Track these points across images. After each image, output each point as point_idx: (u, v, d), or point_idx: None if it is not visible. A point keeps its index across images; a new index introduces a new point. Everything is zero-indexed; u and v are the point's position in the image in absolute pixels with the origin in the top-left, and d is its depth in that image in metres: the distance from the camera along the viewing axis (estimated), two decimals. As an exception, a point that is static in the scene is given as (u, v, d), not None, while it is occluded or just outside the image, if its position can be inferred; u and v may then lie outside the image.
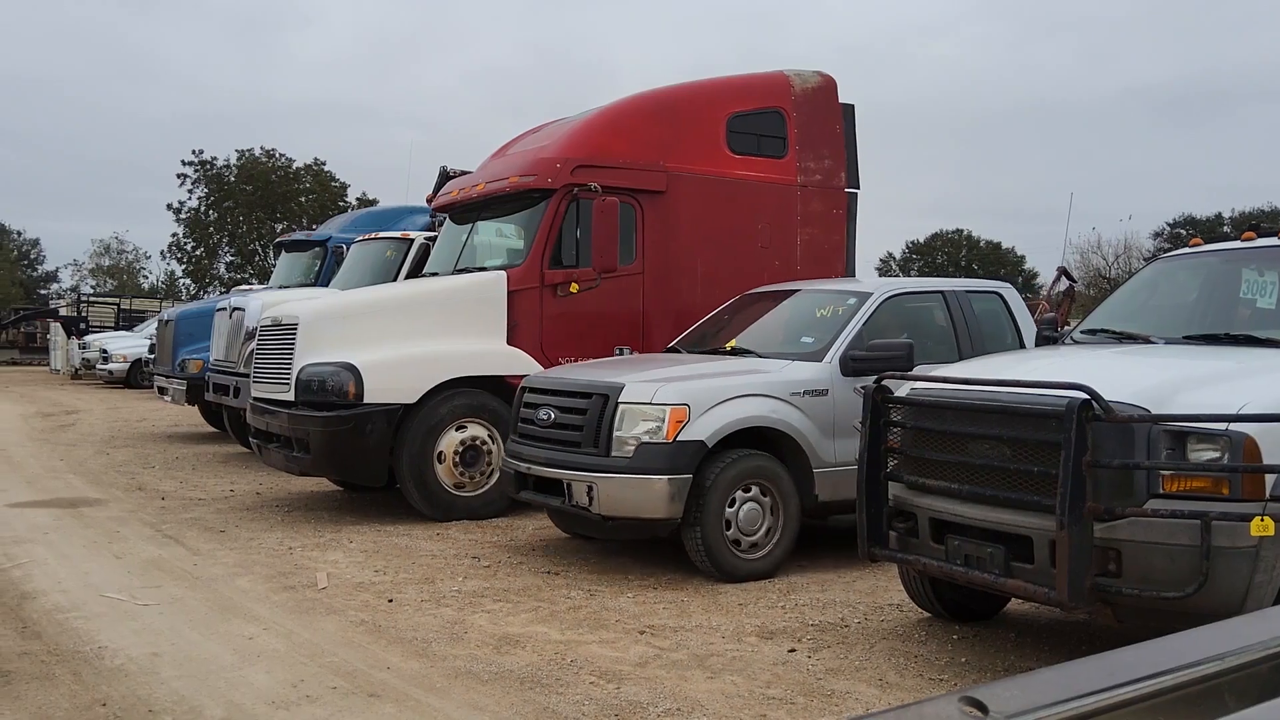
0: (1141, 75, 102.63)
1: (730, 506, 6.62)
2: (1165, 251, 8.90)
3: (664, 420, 6.55)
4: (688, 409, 6.59)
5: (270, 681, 4.74)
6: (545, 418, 7.09)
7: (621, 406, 6.66)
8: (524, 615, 5.85)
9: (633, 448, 6.56)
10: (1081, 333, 6.10)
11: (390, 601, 6.14)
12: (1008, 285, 8.49)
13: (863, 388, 5.34)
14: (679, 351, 8.18)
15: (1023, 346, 7.81)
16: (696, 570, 6.87)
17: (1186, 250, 6.43)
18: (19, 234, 69.90)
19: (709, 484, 6.55)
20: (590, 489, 6.61)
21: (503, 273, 9.03)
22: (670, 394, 6.65)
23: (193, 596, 6.25)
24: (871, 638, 5.46)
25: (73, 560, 7.22)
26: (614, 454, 6.62)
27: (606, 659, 5.08)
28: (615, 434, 6.63)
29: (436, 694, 4.60)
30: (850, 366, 7.01)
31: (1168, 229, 59.71)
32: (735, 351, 7.69)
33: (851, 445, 6.67)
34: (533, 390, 7.42)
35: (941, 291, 8.03)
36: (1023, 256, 73.96)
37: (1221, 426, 4.06)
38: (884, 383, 5.29)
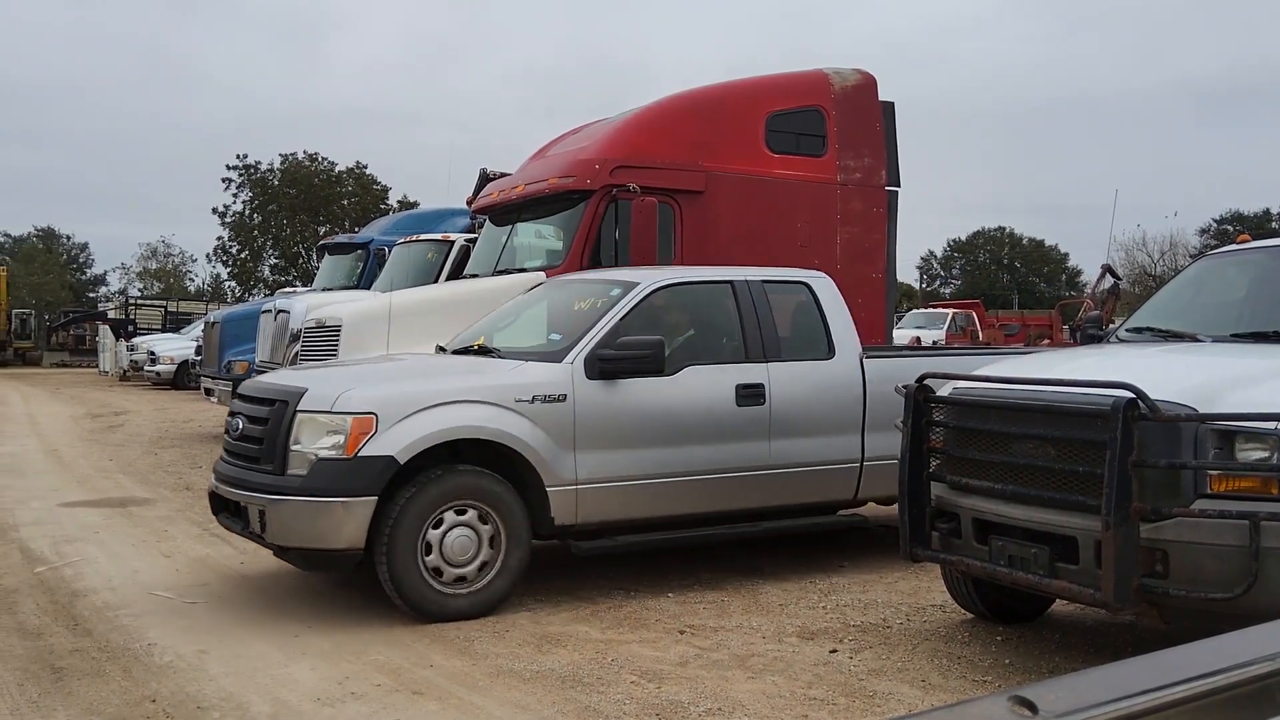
0: (1188, 69, 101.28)
1: (438, 529, 5.67)
2: (1212, 248, 8.69)
3: (345, 432, 5.58)
4: (374, 418, 5.59)
5: (316, 679, 4.80)
6: (236, 429, 6.20)
7: (300, 416, 5.70)
8: (564, 614, 5.88)
9: (310, 464, 5.60)
10: (1126, 331, 6.03)
11: (433, 600, 6.19)
12: (821, 276, 7.46)
13: (904, 386, 5.29)
14: (443, 351, 7.31)
15: (831, 343, 7.02)
16: (736, 569, 6.87)
17: (1234, 247, 6.34)
18: (68, 238, 71.33)
19: (398, 508, 5.56)
20: (262, 514, 5.67)
21: (542, 274, 9.07)
22: (355, 401, 5.67)
23: (239, 595, 6.34)
24: (914, 639, 5.43)
25: (122, 558, 7.34)
26: (290, 472, 5.66)
27: (647, 658, 5.09)
28: (292, 448, 5.67)
29: (479, 692, 4.64)
30: (597, 368, 6.10)
31: (1214, 225, 58.92)
32: (482, 350, 6.81)
33: (600, 460, 6.08)
34: (238, 396, 6.52)
35: (731, 282, 6.96)
36: (1066, 254, 73.39)
37: (1270, 425, 4.00)
38: (925, 382, 5.26)
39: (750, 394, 6.56)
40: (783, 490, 6.69)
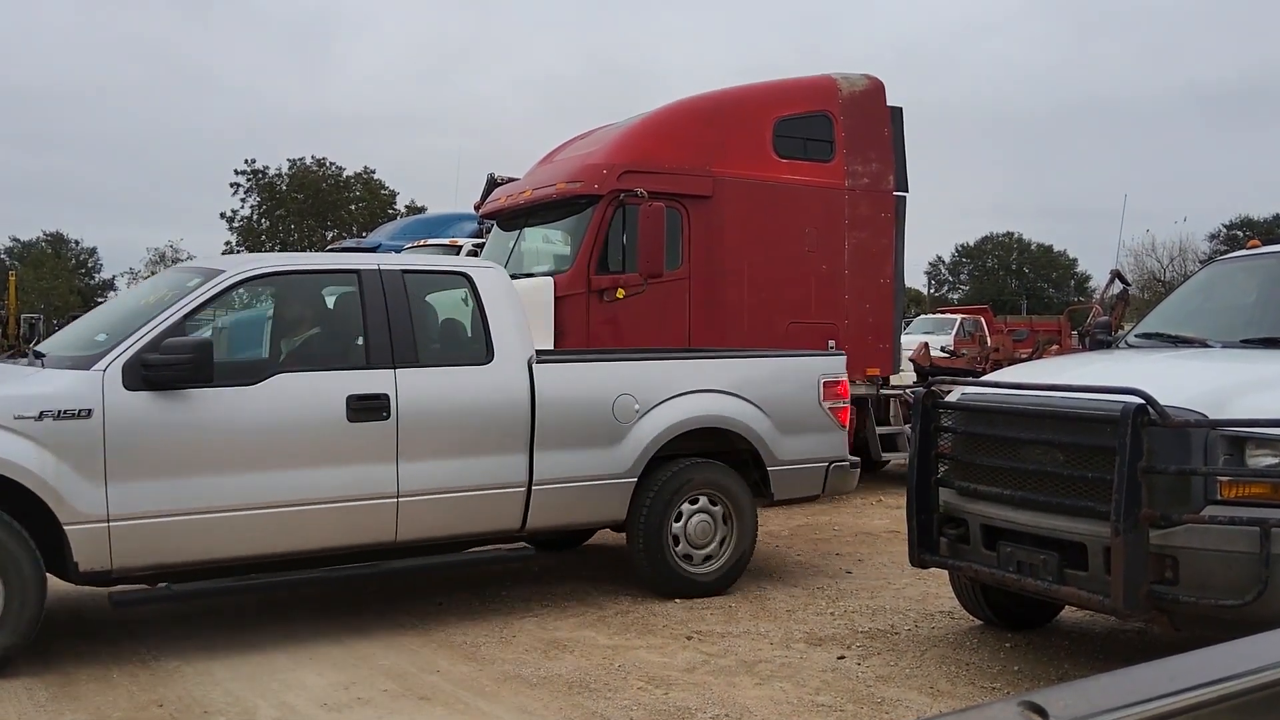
0: (1200, 73, 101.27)
1: None
2: (1221, 253, 8.59)
3: None
4: None
5: (322, 683, 4.80)
6: None
7: None
8: (572, 620, 5.87)
9: None
10: (1136, 336, 6.01)
11: (439, 605, 6.19)
12: (489, 267, 6.35)
13: (913, 392, 5.27)
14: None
15: (490, 345, 5.92)
16: (744, 575, 6.85)
17: (1244, 252, 6.33)
18: (77, 243, 71.52)
19: None
20: None
21: (550, 278, 9.07)
22: None
23: (246, 600, 6.33)
24: (922, 645, 5.41)
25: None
26: None
27: (654, 664, 5.08)
28: None
29: (486, 697, 4.63)
30: (139, 377, 5.01)
31: (1224, 231, 58.80)
32: (29, 354, 5.83)
33: (148, 491, 4.98)
34: None
35: (357, 271, 5.79)
36: (1075, 259, 73.21)
37: (1281, 431, 3.98)
38: (933, 388, 5.25)
39: (368, 406, 5.46)
40: (421, 521, 5.61)
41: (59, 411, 4.87)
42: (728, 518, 6.48)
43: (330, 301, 6.04)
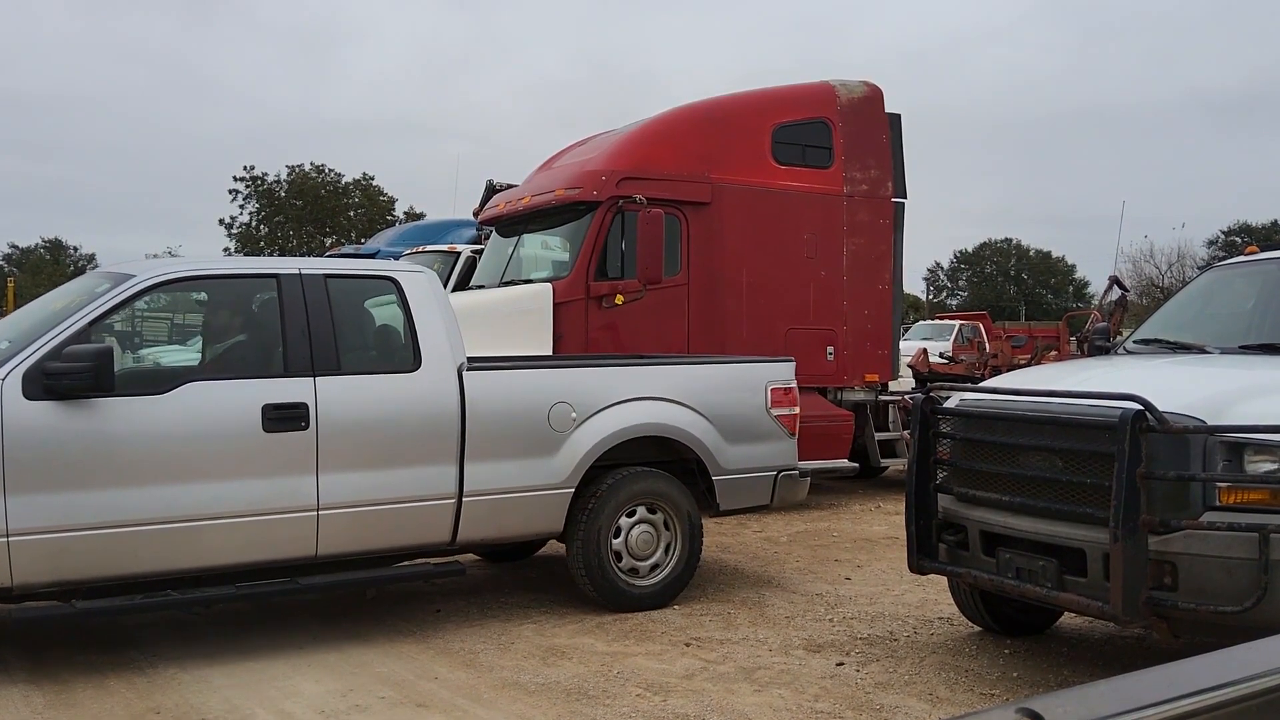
0: (1200, 80, 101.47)
1: None
2: (1220, 259, 8.56)
3: None
4: None
5: (320, 690, 4.79)
6: None
7: None
8: (570, 626, 5.86)
9: None
10: (1134, 343, 6.01)
11: (438, 612, 6.18)
12: (418, 271, 6.11)
13: (912, 397, 5.27)
14: None
15: (417, 352, 5.75)
16: (743, 582, 6.85)
17: (1242, 258, 6.33)
18: (75, 249, 71.55)
19: None
20: None
21: (548, 285, 9.08)
22: None
23: (243, 606, 6.32)
24: (921, 651, 5.41)
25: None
26: None
27: (653, 671, 5.08)
28: None
29: (484, 705, 4.62)
30: (41, 386, 4.83)
31: (1222, 237, 58.95)
32: None
33: (51, 504, 4.80)
34: None
35: (276, 275, 5.57)
36: (1073, 265, 73.43)
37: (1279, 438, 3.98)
38: (932, 394, 5.25)
39: (285, 416, 5.28)
40: (343, 536, 5.43)
41: None
42: (670, 525, 6.31)
43: (247, 307, 5.78)
